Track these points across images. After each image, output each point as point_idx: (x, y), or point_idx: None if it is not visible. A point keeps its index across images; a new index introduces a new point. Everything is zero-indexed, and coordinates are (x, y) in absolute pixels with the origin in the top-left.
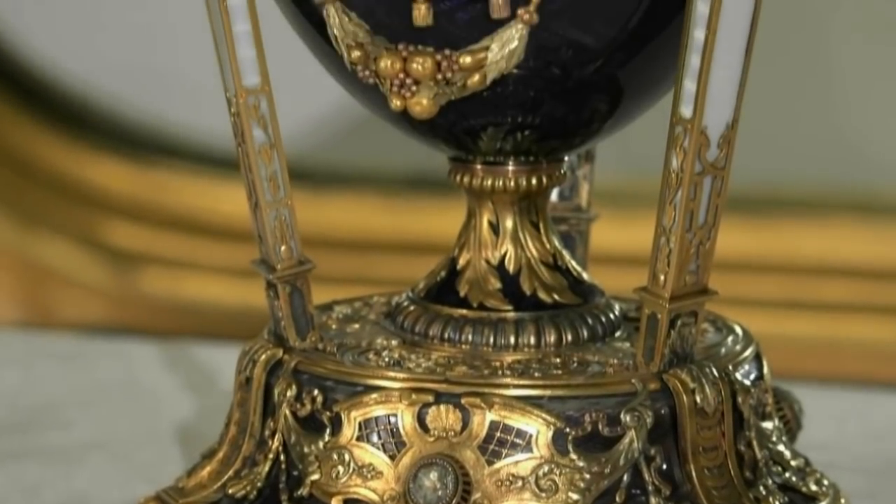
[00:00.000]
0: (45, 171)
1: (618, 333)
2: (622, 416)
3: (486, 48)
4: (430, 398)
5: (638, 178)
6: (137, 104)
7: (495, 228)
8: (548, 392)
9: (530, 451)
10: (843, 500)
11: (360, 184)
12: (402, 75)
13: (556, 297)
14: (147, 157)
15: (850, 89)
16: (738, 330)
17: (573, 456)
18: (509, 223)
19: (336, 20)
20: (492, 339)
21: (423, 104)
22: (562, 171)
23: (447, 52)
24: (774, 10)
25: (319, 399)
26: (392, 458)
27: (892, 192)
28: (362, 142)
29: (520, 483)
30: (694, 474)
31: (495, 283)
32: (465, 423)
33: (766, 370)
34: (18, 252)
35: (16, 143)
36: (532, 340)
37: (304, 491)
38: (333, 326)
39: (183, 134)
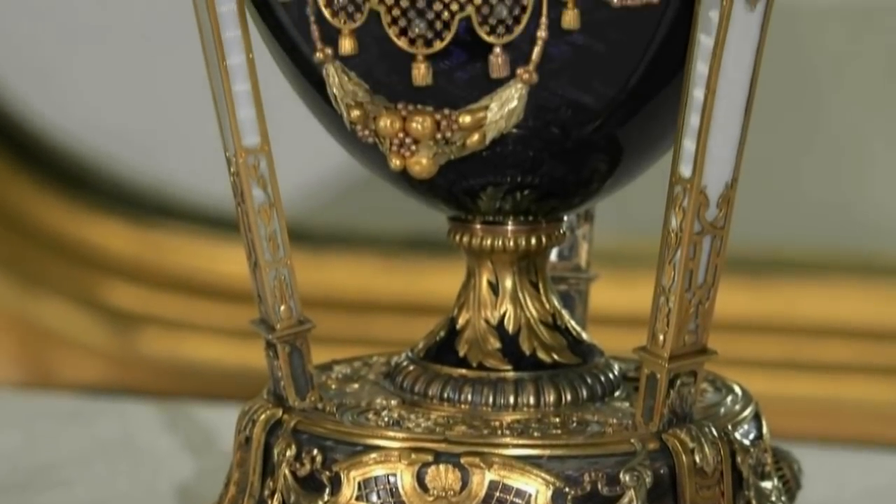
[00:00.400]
0: (45, 231)
1: (617, 393)
2: (621, 475)
3: (486, 108)
4: (430, 458)
5: (637, 238)
6: (136, 165)
7: (495, 288)
8: (547, 452)
9: None
10: None
11: (360, 244)
12: (401, 135)
13: (555, 356)
14: (146, 217)
15: (850, 151)
16: (738, 390)
17: None
18: (509, 283)
19: (335, 79)
20: (491, 399)
21: (422, 164)
22: (561, 231)
23: (446, 111)
24: (774, 70)
25: (319, 459)
26: None
27: (891, 253)
28: (361, 202)
29: None
30: None
31: (495, 343)
32: (465, 483)
33: (765, 430)
34: (18, 312)
35: (15, 203)
36: (531, 400)
37: None
38: (333, 386)
39: (182, 195)
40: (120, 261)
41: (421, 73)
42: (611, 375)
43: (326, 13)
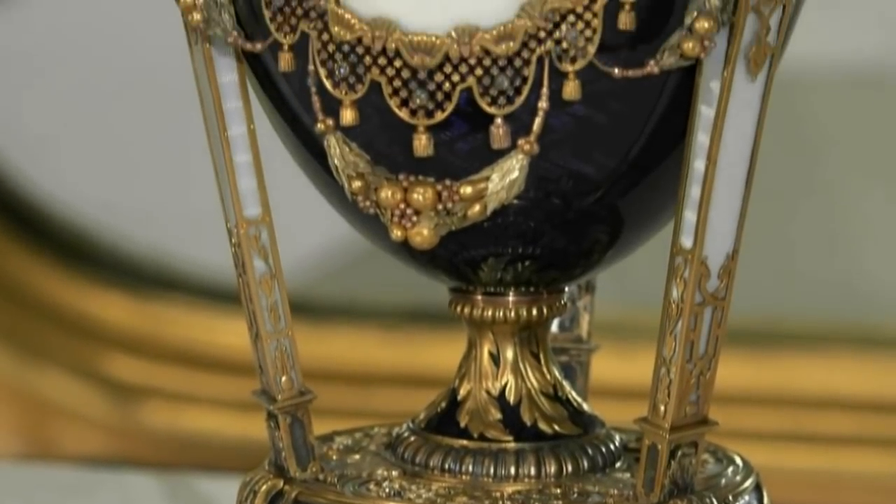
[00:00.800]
0: (44, 302)
1: (618, 464)
2: None
3: (487, 178)
4: None
5: (638, 309)
6: (136, 236)
7: (496, 359)
8: None
9: None
10: None
11: (361, 316)
12: (402, 206)
13: (556, 427)
14: (146, 289)
15: (852, 223)
16: (739, 461)
17: None
18: (510, 354)
19: (337, 150)
20: (492, 470)
21: (423, 234)
22: (562, 302)
23: (448, 182)
24: (776, 142)
25: None
26: None
27: (891, 325)
28: (362, 274)
29: None
30: None
31: (496, 414)
32: None
33: (766, 501)
34: (17, 383)
35: (14, 273)
36: (532, 471)
37: None
38: (334, 457)
39: (182, 266)
40: (120, 332)
41: (422, 144)
42: (612, 446)
43: (328, 84)
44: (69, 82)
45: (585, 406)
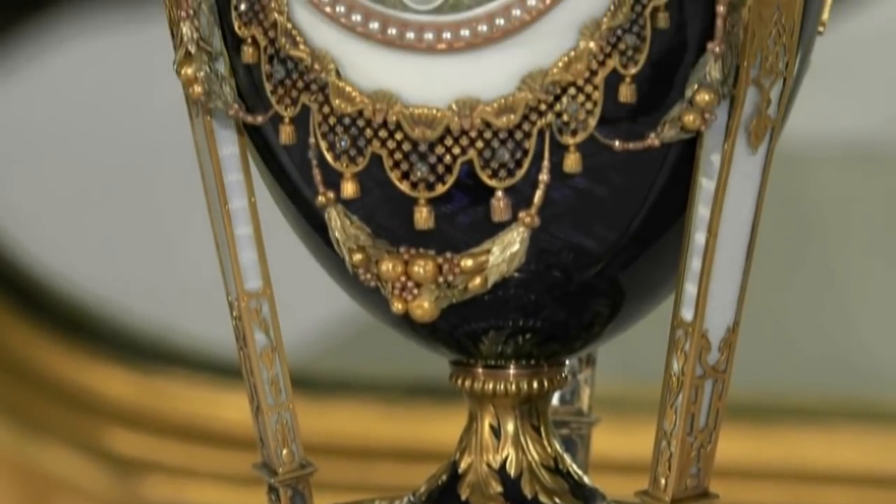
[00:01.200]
0: (45, 377)
1: None
2: None
3: (488, 251)
4: None
5: (639, 383)
6: (137, 310)
7: (496, 432)
8: None
9: None
10: None
11: (361, 391)
12: (403, 278)
13: (557, 500)
14: (147, 363)
15: (852, 298)
16: None
17: None
18: (511, 427)
19: (338, 223)
20: None
21: (424, 307)
22: (563, 375)
23: (448, 255)
24: (776, 216)
25: None
26: None
27: (892, 400)
28: (362, 349)
29: None
30: None
31: (496, 487)
32: None
33: None
34: (18, 458)
35: (15, 348)
36: None
37: None
38: None
39: (182, 340)
40: (120, 406)
41: (423, 217)
42: None
43: (329, 157)
44: (68, 156)
45: (586, 479)
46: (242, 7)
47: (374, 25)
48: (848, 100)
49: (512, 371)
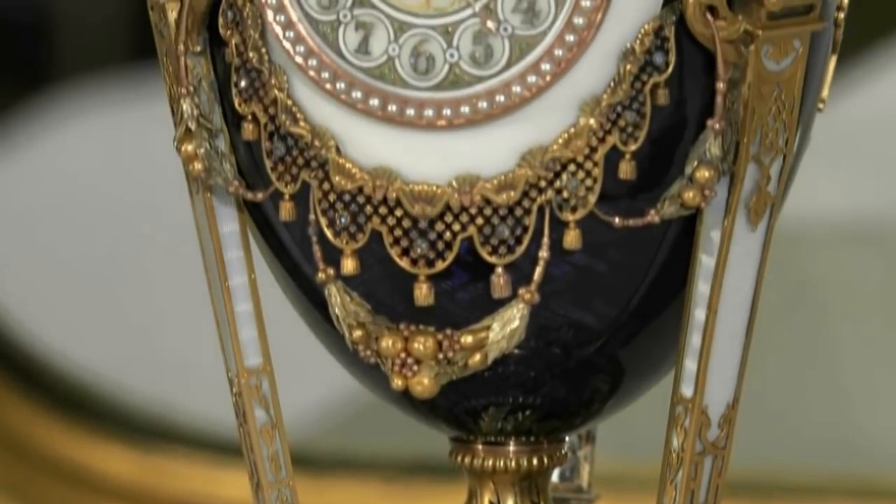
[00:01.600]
0: (45, 455)
1: None
2: None
3: (488, 328)
4: None
5: (639, 459)
6: (136, 388)
7: None
8: None
9: None
10: None
11: (361, 469)
12: (403, 355)
13: None
14: (147, 441)
15: (849, 376)
16: None
17: None
18: (511, 503)
19: (338, 299)
20: None
21: (424, 384)
22: (563, 452)
23: (448, 331)
24: (777, 293)
25: None
26: None
27: (890, 478)
28: (362, 427)
29: None
30: None
31: None
32: None
33: None
34: None
35: (14, 426)
36: None
37: None
38: None
39: (182, 419)
40: (120, 484)
41: (423, 294)
42: None
43: (329, 233)
44: (68, 234)
45: None
46: (243, 84)
47: (375, 102)
48: (843, 180)
49: (512, 448)
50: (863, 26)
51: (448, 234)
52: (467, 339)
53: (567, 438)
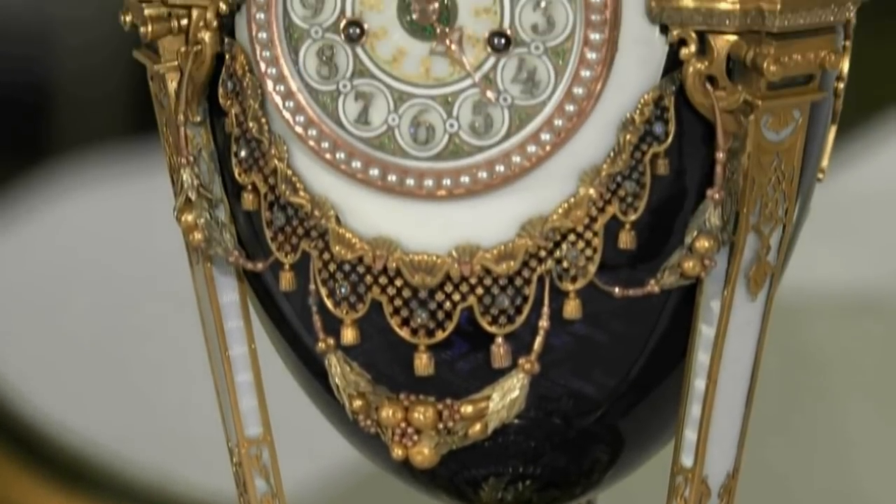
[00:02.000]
0: None
1: None
2: None
3: (488, 398)
4: None
5: None
6: (136, 459)
7: None
8: None
9: None
10: None
11: None
12: (403, 425)
13: None
14: None
15: (848, 443)
16: None
17: None
18: None
19: (338, 369)
20: None
21: (424, 454)
22: None
23: (448, 401)
24: (776, 362)
25: None
26: None
27: None
28: (362, 497)
29: None
30: None
31: None
32: None
33: None
34: None
35: (15, 498)
36: None
37: None
38: None
39: (183, 490)
40: None
41: (423, 363)
42: None
43: (329, 303)
44: (68, 306)
45: None
46: (243, 154)
47: (374, 172)
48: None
49: None
50: (863, 99)
51: (448, 304)
52: (467, 409)
53: None
